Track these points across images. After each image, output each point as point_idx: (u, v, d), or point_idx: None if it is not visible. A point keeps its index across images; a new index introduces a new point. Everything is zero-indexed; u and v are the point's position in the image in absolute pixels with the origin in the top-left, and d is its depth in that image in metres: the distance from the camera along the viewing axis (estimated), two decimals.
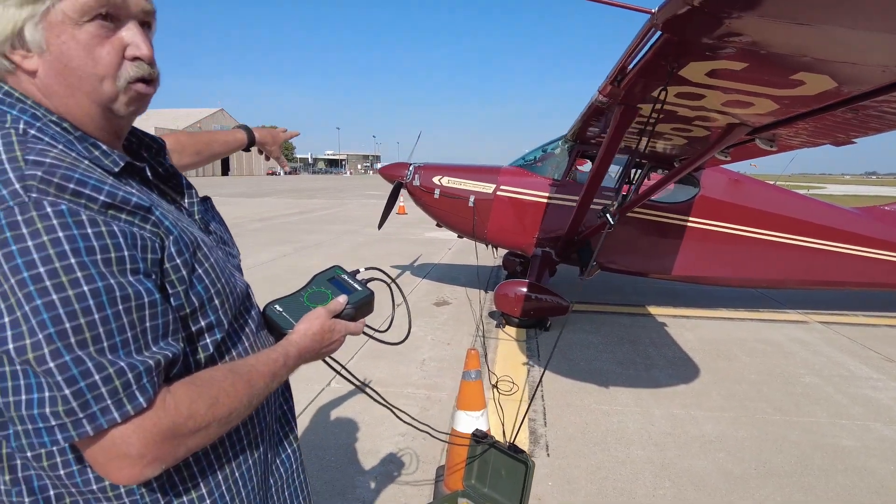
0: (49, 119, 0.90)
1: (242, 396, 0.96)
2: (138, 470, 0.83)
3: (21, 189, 0.78)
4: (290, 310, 1.20)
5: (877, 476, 3.65)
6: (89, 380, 0.77)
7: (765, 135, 4.15)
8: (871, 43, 2.28)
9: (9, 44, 0.88)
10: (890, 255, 7.36)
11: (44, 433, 0.78)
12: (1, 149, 0.83)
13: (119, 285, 0.82)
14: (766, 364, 5.74)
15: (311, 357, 1.15)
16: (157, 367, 0.85)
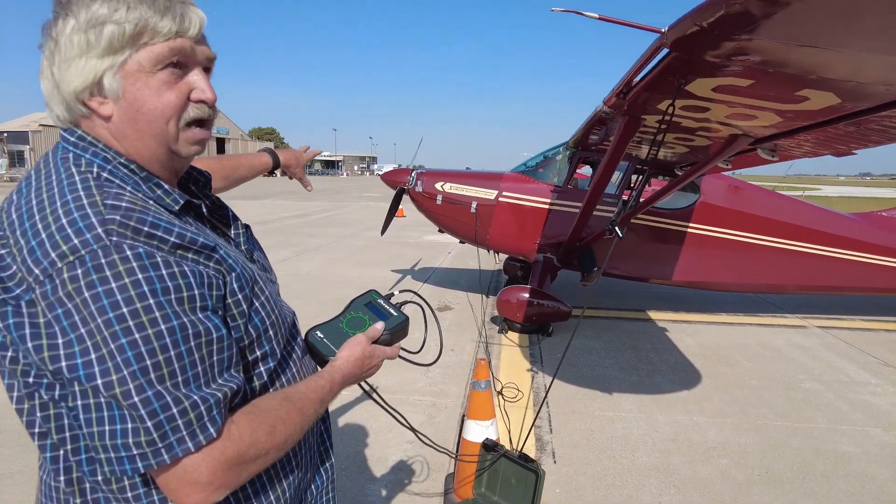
0: (118, 161, 0.97)
1: (296, 423, 1.02)
2: (206, 495, 0.89)
3: (103, 233, 0.85)
4: (330, 336, 1.25)
5: (877, 482, 3.71)
6: (168, 413, 0.84)
7: (767, 145, 4.22)
8: (875, 63, 2.35)
9: (88, 91, 0.95)
10: (888, 261, 7.44)
11: (125, 461, 0.84)
12: (82, 193, 0.89)
13: (191, 323, 0.88)
14: (767, 369, 5.81)
15: (351, 381, 1.20)
16: (225, 399, 0.91)
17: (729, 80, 2.85)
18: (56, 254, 0.84)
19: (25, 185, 0.95)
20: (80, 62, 0.92)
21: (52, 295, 0.83)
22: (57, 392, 0.91)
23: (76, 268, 0.83)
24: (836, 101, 2.90)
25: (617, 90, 3.67)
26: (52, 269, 0.83)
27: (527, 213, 7.25)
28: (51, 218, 0.87)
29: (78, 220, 0.86)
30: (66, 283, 0.83)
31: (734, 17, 2.10)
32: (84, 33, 0.92)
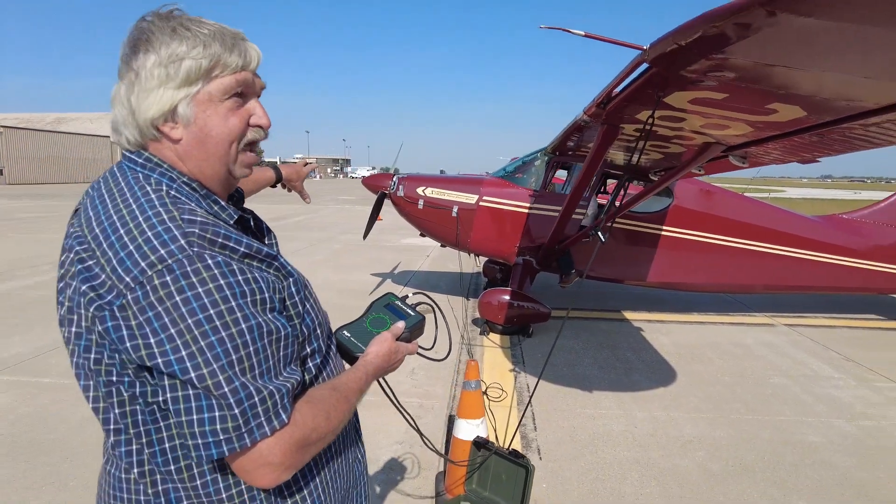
0: (182, 181, 1.08)
1: (345, 410, 1.15)
2: (277, 475, 1.00)
3: (186, 244, 0.96)
4: (357, 335, 1.37)
5: (840, 469, 3.95)
6: (251, 401, 0.95)
7: (738, 152, 4.44)
8: (835, 81, 2.55)
9: (163, 118, 1.07)
10: (848, 261, 7.82)
11: (212, 446, 0.95)
12: (160, 209, 1.00)
13: (265, 322, 1.00)
14: (738, 366, 6.06)
15: (381, 374, 1.33)
16: (293, 389, 1.03)
17: (705, 94, 3.04)
18: (145, 263, 0.94)
19: (100, 202, 1.05)
20: (158, 92, 1.04)
21: (144, 300, 0.93)
22: (138, 389, 1.03)
23: (165, 275, 0.94)
24: (802, 114, 3.11)
25: (597, 101, 3.84)
26: (143, 276, 0.94)
27: (507, 217, 7.41)
28: (136, 231, 0.97)
29: (162, 232, 0.96)
30: (157, 288, 0.93)
31: (711, 38, 2.27)
32: (164, 67, 1.03)
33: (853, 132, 3.34)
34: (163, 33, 1.04)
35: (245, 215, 1.18)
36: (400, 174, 8.09)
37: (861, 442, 4.38)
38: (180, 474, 1.06)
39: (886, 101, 2.68)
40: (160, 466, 1.06)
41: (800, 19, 1.92)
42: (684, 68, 2.70)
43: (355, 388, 1.20)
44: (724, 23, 2.13)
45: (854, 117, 3.01)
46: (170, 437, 1.06)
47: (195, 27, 1.06)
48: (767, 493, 3.62)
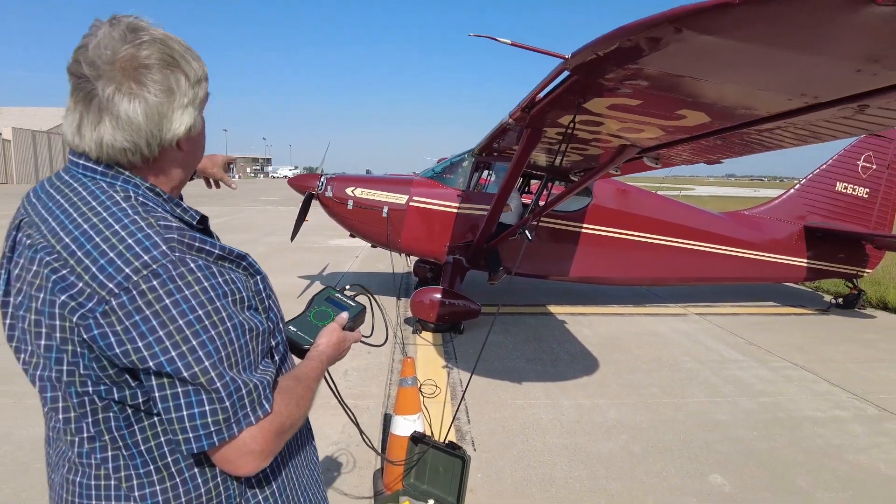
0: (145, 186, 1.10)
1: (309, 398, 1.21)
2: (259, 462, 1.06)
3: (168, 250, 1.00)
4: (303, 329, 1.43)
5: (745, 442, 4.34)
6: (239, 393, 1.01)
7: (651, 154, 4.77)
8: (734, 91, 2.82)
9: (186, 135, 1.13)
10: (752, 254, 8.54)
11: (203, 438, 1.00)
12: (135, 217, 1.02)
13: (246, 319, 1.07)
14: (655, 354, 6.48)
15: (332, 363, 1.39)
16: (272, 380, 1.10)
17: (621, 100, 3.26)
18: (129, 269, 0.97)
19: (62, 212, 1.04)
20: (188, 111, 1.10)
21: (131, 304, 0.96)
22: (116, 395, 1.05)
23: (151, 280, 0.97)
24: (707, 120, 3.40)
25: (522, 105, 4.02)
26: (128, 282, 0.96)
27: (437, 217, 7.53)
28: (115, 239, 0.99)
29: (143, 239, 0.99)
30: (144, 292, 0.96)
31: (627, 49, 2.46)
32: (193, 88, 1.10)
33: (751, 136, 3.69)
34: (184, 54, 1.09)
35: (205, 216, 1.22)
36: (327, 174, 8.02)
37: (761, 417, 4.82)
38: (159, 473, 1.10)
39: (776, 110, 2.99)
40: (139, 468, 1.10)
41: (702, 37, 2.13)
42: (602, 76, 2.90)
43: (313, 377, 1.26)
44: (638, 36, 2.32)
45: (751, 123, 3.33)
46: (145, 439, 1.09)
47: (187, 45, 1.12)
48: (684, 468, 3.93)
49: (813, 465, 4.03)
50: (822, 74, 2.37)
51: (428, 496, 3.27)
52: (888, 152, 9.34)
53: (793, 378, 5.83)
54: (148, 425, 1.09)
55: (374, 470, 3.72)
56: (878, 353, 6.86)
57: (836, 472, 3.95)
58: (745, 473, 3.88)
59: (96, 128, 1.04)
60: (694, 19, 2.04)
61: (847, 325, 8.32)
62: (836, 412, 5.00)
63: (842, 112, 2.79)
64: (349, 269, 11.09)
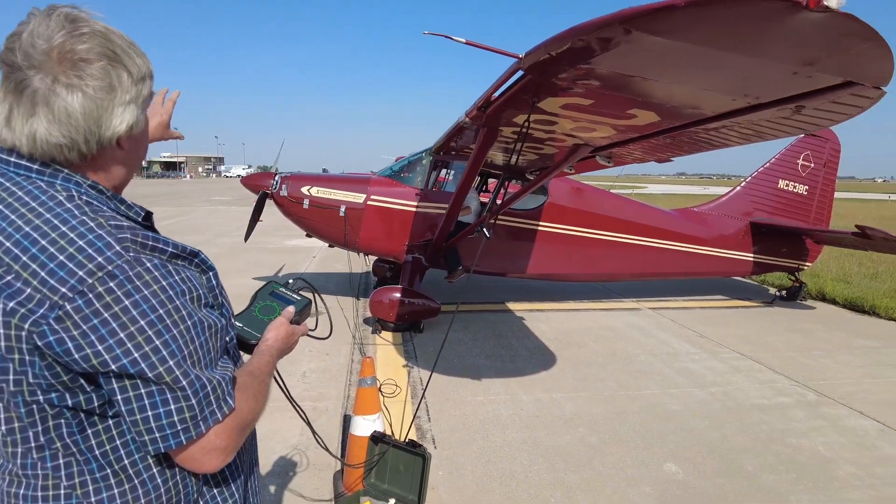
0: (87, 184, 1.06)
1: (264, 392, 1.21)
2: (223, 457, 1.06)
3: (122, 250, 0.97)
4: (249, 324, 1.42)
5: (697, 431, 4.50)
6: (204, 391, 1.01)
7: (604, 153, 4.87)
8: (682, 91, 2.91)
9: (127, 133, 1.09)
10: (701, 249, 8.84)
11: (170, 438, 0.99)
12: (83, 217, 0.99)
13: (205, 317, 1.06)
14: (610, 347, 6.63)
15: (281, 356, 1.38)
16: (233, 376, 1.09)
17: (574, 100, 3.32)
18: (83, 272, 0.94)
19: None
20: (129, 108, 1.06)
21: (88, 307, 0.93)
22: (69, 401, 1.01)
23: (108, 281, 0.94)
24: (657, 119, 3.50)
25: (478, 104, 4.04)
26: (82, 285, 0.93)
27: (395, 216, 7.50)
28: (63, 241, 0.95)
29: (94, 240, 0.96)
30: (101, 295, 0.94)
31: (579, 49, 2.51)
32: (136, 85, 1.06)
33: (698, 135, 3.82)
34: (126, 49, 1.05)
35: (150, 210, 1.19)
36: (282, 173, 7.89)
37: (711, 406, 5.00)
38: (116, 477, 1.08)
39: (721, 110, 3.10)
40: (94, 472, 1.07)
41: (651, 38, 2.19)
42: (555, 76, 2.95)
43: (266, 371, 1.26)
44: (589, 36, 2.37)
45: (698, 122, 3.45)
46: (99, 443, 1.06)
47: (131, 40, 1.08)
48: (639, 458, 4.04)
49: (759, 450, 4.21)
50: (763, 76, 2.48)
51: (389, 495, 3.27)
52: (824, 151, 9.82)
53: (741, 368, 6.07)
54: (102, 429, 1.06)
55: (335, 471, 3.69)
56: (817, 342, 7.22)
57: (780, 456, 4.14)
58: (697, 461, 4.03)
59: (28, 120, 0.98)
60: (642, 20, 2.10)
61: (790, 315, 8.71)
62: (780, 399, 5.23)
63: (781, 112, 2.92)
64: (306, 270, 10.94)
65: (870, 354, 6.72)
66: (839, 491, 3.71)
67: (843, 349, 6.92)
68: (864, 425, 4.71)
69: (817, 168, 9.83)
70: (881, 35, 1.86)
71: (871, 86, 2.29)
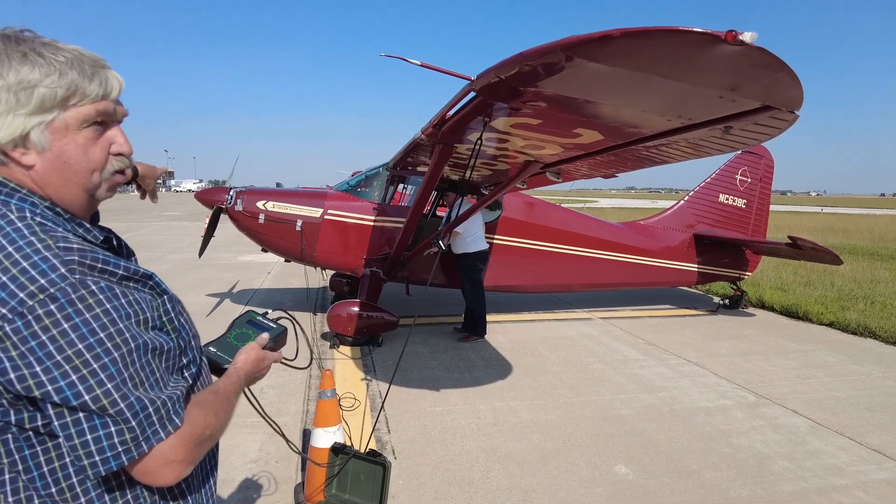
0: (44, 205, 1.07)
1: (228, 410, 1.24)
2: (181, 470, 1.08)
3: (67, 272, 0.98)
4: (223, 349, 1.48)
5: (646, 433, 4.71)
6: (146, 412, 1.02)
7: (553, 169, 5.10)
8: (621, 112, 3.13)
9: (12, 144, 1.04)
10: (648, 261, 9.22)
11: (111, 460, 1.00)
12: (32, 238, 0.99)
13: (150, 339, 1.07)
14: (564, 356, 6.84)
15: (250, 381, 1.43)
16: (182, 395, 1.11)
17: (523, 119, 3.51)
18: (24, 293, 0.94)
19: None
20: (7, 118, 1.02)
21: (26, 329, 0.94)
22: (13, 417, 1.01)
23: (49, 304, 0.95)
24: (601, 137, 3.73)
25: (433, 122, 4.19)
26: (22, 307, 0.94)
27: (352, 230, 7.56)
28: (8, 262, 0.96)
29: (39, 262, 0.97)
30: (41, 317, 0.94)
31: (525, 74, 2.69)
32: (14, 94, 1.01)
33: (640, 152, 4.06)
34: (10, 58, 1.01)
35: (109, 234, 1.20)
36: (237, 188, 7.84)
37: (659, 409, 5.24)
38: (62, 495, 1.07)
39: (659, 129, 3.34)
40: (40, 490, 1.06)
41: (591, 64, 2.38)
42: (505, 98, 3.12)
43: (232, 391, 1.30)
44: (535, 62, 2.54)
45: (639, 141, 3.68)
46: (48, 459, 1.05)
47: (50, 53, 1.04)
48: (592, 461, 4.20)
49: (703, 450, 4.45)
50: (693, 100, 2.71)
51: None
52: (759, 167, 10.43)
53: (687, 373, 6.37)
54: (52, 446, 1.05)
55: (295, 484, 3.71)
56: (756, 347, 7.63)
57: (721, 454, 4.38)
58: (645, 462, 4.22)
59: None
60: (582, 48, 2.28)
61: (732, 322, 9.16)
62: (723, 401, 5.52)
63: (712, 132, 3.17)
64: (261, 286, 10.81)
65: (802, 357, 7.16)
66: (774, 484, 3.97)
67: (779, 353, 7.34)
68: (796, 423, 5.03)
69: (754, 182, 10.41)
70: (791, 67, 2.09)
71: (787, 110, 2.55)
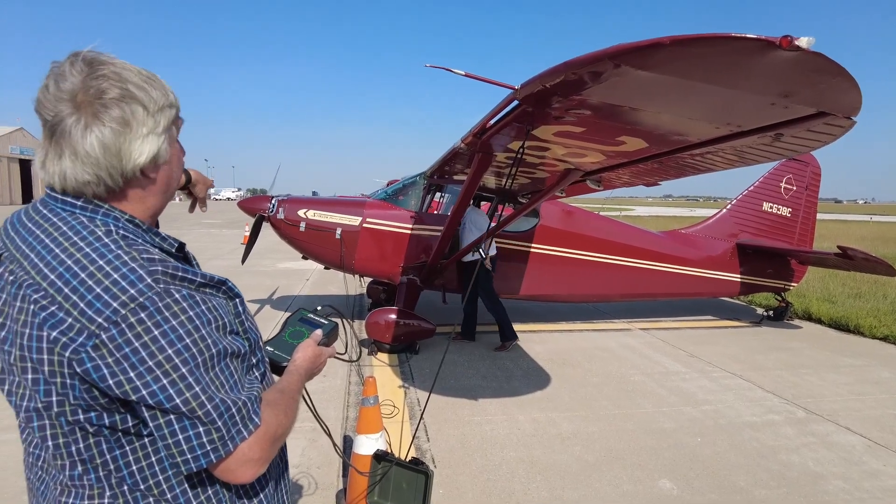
0: (125, 219, 1.14)
1: (294, 407, 1.29)
2: (258, 469, 1.14)
3: (153, 282, 1.05)
4: (280, 348, 1.52)
5: (690, 447, 4.59)
6: (229, 413, 1.08)
7: (594, 177, 5.05)
8: (668, 119, 3.09)
9: (152, 164, 1.15)
10: (690, 270, 9.02)
11: (201, 458, 1.07)
12: (118, 251, 1.07)
13: (230, 343, 1.13)
14: (604, 368, 6.74)
15: (309, 377, 1.46)
16: (259, 395, 1.17)
17: (566, 127, 3.49)
18: (117, 303, 1.01)
19: (43, 248, 1.07)
20: (148, 139, 1.12)
21: (121, 337, 1.01)
22: (107, 420, 1.09)
23: (139, 312, 1.02)
24: (645, 145, 3.68)
25: (474, 131, 4.21)
26: (116, 316, 1.01)
27: (390, 238, 7.63)
28: (100, 275, 1.03)
29: (128, 273, 1.04)
30: (133, 325, 1.01)
31: (571, 82, 2.68)
32: (153, 116, 1.12)
33: (685, 160, 4.00)
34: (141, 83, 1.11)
35: (182, 243, 1.27)
36: (278, 196, 8.01)
37: (703, 423, 5.11)
38: (150, 493, 1.15)
39: (705, 137, 3.28)
40: (132, 486, 1.14)
41: (639, 72, 2.36)
42: (549, 106, 3.12)
43: (295, 389, 1.35)
44: (581, 70, 2.54)
45: (684, 149, 3.63)
46: (136, 459, 1.14)
47: (147, 73, 1.15)
48: (634, 475, 4.12)
49: (751, 466, 4.31)
50: (743, 107, 2.65)
51: None
52: (806, 175, 10.12)
53: (731, 387, 6.19)
54: (139, 446, 1.13)
55: (337, 490, 3.74)
56: (805, 360, 7.37)
57: (771, 471, 4.24)
58: (690, 477, 4.11)
59: (58, 162, 1.08)
60: (630, 56, 2.27)
61: (777, 335, 8.87)
62: (770, 416, 5.34)
63: (762, 139, 3.10)
64: (300, 293, 10.99)
65: (855, 372, 6.88)
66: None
67: (830, 367, 7.08)
68: (851, 441, 4.84)
69: (799, 191, 10.11)
70: (848, 71, 2.03)
71: (843, 116, 2.47)
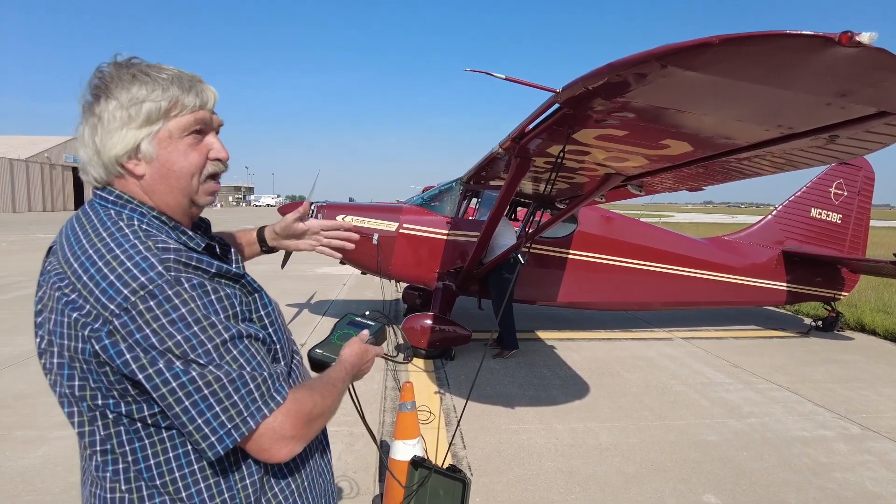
0: (151, 215, 1.19)
1: (334, 396, 1.29)
2: (292, 447, 1.14)
3: (163, 270, 1.08)
4: (328, 350, 1.53)
5: (735, 461, 4.42)
6: (246, 388, 1.09)
7: (635, 182, 4.94)
8: (714, 122, 2.99)
9: (126, 156, 1.17)
10: (733, 278, 8.75)
11: (224, 438, 1.08)
12: (135, 241, 1.11)
13: (244, 328, 1.14)
14: (644, 377, 6.57)
15: (355, 372, 1.46)
16: (282, 374, 1.18)
17: (608, 131, 3.42)
18: (128, 290, 1.05)
19: (74, 240, 1.14)
20: (121, 132, 1.15)
21: (132, 323, 1.04)
22: (123, 408, 1.12)
23: (148, 300, 1.04)
24: (690, 149, 3.58)
25: (512, 136, 4.17)
26: (127, 303, 1.04)
27: (426, 244, 7.64)
28: (115, 263, 1.07)
29: (140, 262, 1.07)
30: (143, 312, 1.04)
31: (615, 84, 2.62)
32: (126, 110, 1.15)
33: (730, 164, 3.88)
34: (122, 80, 1.15)
35: (212, 242, 1.29)
36: (318, 202, 8.11)
37: (749, 437, 4.92)
38: (166, 488, 1.16)
39: (753, 140, 3.17)
40: (147, 481, 1.15)
41: (685, 73, 2.29)
42: (591, 109, 3.06)
43: (339, 378, 1.35)
44: (626, 72, 2.47)
45: (731, 152, 3.51)
46: (154, 453, 1.15)
47: (154, 73, 1.18)
48: (676, 489, 3.99)
49: (802, 484, 4.13)
50: (796, 107, 2.55)
51: None
52: (857, 180, 9.71)
53: (778, 399, 5.96)
54: (158, 440, 1.14)
55: (374, 496, 3.73)
56: (858, 374, 7.04)
57: (824, 490, 4.04)
58: (737, 492, 3.96)
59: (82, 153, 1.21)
60: (677, 56, 2.20)
61: (827, 346, 8.51)
62: (822, 432, 5.11)
63: (814, 142, 2.97)
64: (337, 297, 11.10)
65: None
66: None
67: (887, 381, 6.74)
68: None
69: (851, 196, 9.70)
70: None
71: None
